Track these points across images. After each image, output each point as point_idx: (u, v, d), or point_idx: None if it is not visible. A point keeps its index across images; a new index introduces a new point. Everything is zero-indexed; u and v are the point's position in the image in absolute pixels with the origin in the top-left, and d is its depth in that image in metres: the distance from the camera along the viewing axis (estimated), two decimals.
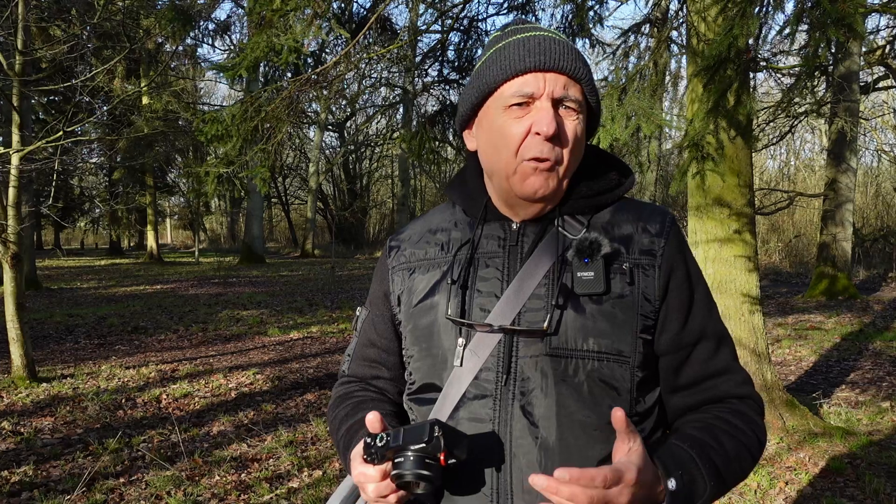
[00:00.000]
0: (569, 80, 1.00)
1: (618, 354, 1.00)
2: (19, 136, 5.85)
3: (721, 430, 1.00)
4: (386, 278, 1.18)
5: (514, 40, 1.03)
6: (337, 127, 28.29)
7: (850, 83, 10.60)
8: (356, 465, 0.96)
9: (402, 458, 0.88)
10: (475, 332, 1.03)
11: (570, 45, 1.03)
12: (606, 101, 3.93)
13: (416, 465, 0.88)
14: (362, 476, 0.95)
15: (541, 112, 0.99)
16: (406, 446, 0.88)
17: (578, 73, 1.00)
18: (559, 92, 0.99)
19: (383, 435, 0.91)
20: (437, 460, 0.88)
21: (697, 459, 0.94)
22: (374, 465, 0.93)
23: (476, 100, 1.06)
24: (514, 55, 1.01)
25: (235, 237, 35.75)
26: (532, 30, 1.05)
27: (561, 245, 1.04)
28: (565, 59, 1.00)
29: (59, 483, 3.64)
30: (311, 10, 4.28)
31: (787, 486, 3.59)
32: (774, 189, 16.97)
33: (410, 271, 1.14)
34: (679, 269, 1.06)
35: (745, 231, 4.37)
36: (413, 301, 1.12)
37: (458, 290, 1.06)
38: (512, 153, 1.01)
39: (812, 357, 6.86)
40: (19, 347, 5.68)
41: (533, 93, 0.99)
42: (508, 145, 1.01)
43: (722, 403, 1.06)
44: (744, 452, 1.00)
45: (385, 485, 0.93)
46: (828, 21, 2.74)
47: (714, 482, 0.94)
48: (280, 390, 5.68)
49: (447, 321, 1.05)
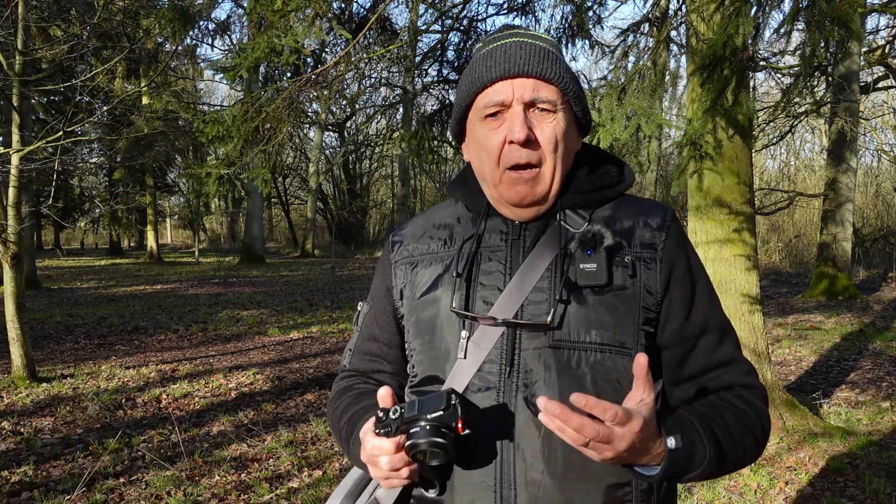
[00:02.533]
0: (538, 82, 1.01)
1: (620, 346, 1.01)
2: (19, 136, 5.85)
3: (724, 408, 1.01)
4: (389, 273, 1.19)
5: (484, 52, 1.06)
6: (337, 127, 28.29)
7: (850, 83, 10.60)
8: (368, 439, 0.96)
9: (418, 427, 0.89)
10: (478, 325, 1.04)
11: (540, 46, 1.04)
12: (606, 100, 3.93)
13: (433, 434, 0.88)
14: (376, 449, 0.94)
15: (512, 119, 1.01)
16: (422, 415, 0.88)
17: (547, 74, 1.01)
18: (528, 96, 1.01)
19: (397, 408, 0.91)
20: (453, 430, 0.89)
21: (699, 426, 0.96)
22: (388, 437, 0.92)
23: (459, 113, 1.09)
24: (482, 67, 1.03)
25: (235, 237, 35.75)
26: (507, 37, 1.06)
27: (563, 238, 1.05)
28: (530, 63, 1.01)
29: (59, 483, 3.64)
30: (312, 11, 4.28)
31: (787, 486, 3.59)
32: (774, 189, 16.98)
33: (413, 265, 1.15)
34: (680, 263, 1.07)
35: (745, 231, 4.37)
36: (416, 294, 1.12)
37: (462, 284, 1.07)
38: (494, 163, 1.03)
39: (812, 357, 6.86)
40: (19, 347, 5.68)
41: (503, 100, 1.01)
42: (490, 156, 1.03)
43: (727, 391, 1.07)
44: (745, 431, 1.00)
45: (399, 457, 0.93)
46: (824, 20, 2.74)
47: (714, 450, 0.95)
48: (280, 390, 5.68)
49: (450, 314, 1.06)
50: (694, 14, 4.20)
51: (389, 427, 0.91)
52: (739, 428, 0.99)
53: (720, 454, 0.96)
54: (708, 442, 0.95)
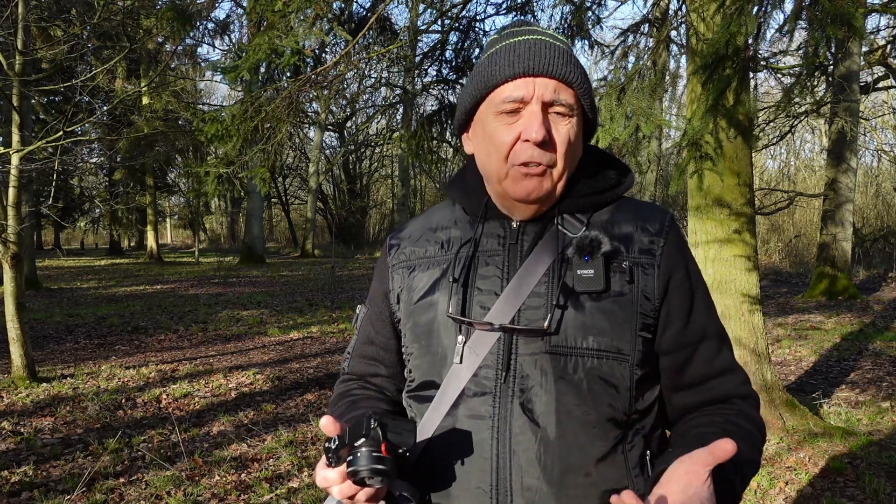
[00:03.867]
0: (559, 84, 1.00)
1: (617, 352, 1.00)
2: (19, 136, 5.86)
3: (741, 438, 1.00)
4: (386, 276, 1.19)
5: (505, 45, 1.04)
6: (337, 127, 28.29)
7: (850, 83, 10.60)
8: (319, 470, 0.96)
9: (352, 455, 0.90)
10: (475, 330, 1.03)
11: (562, 48, 1.03)
12: (605, 100, 3.93)
13: (367, 461, 0.89)
14: (324, 481, 0.95)
15: (530, 118, 0.99)
16: (352, 443, 0.90)
17: (569, 77, 1.00)
18: (549, 96, 0.99)
19: (334, 438, 0.93)
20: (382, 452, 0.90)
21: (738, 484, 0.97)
22: (333, 467, 0.93)
23: (470, 105, 1.07)
24: (503, 60, 1.01)
25: (235, 237, 35.75)
26: (527, 33, 1.04)
27: (561, 243, 1.05)
28: (555, 64, 1.00)
29: (59, 483, 3.64)
30: (313, 12, 4.28)
31: (787, 486, 3.59)
32: (774, 189, 16.98)
33: (410, 269, 1.15)
34: (679, 269, 1.06)
35: (745, 231, 4.37)
36: (413, 299, 1.12)
37: (459, 289, 1.06)
38: (502, 159, 1.01)
39: (812, 357, 6.85)
40: (19, 347, 5.68)
41: (523, 97, 0.99)
42: (499, 151, 1.01)
43: (728, 404, 1.06)
44: (757, 455, 1.01)
45: (347, 485, 0.93)
46: (827, 18, 2.74)
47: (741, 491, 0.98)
48: (280, 390, 5.68)
49: (447, 319, 1.06)
50: (694, 14, 4.20)
51: (332, 458, 0.93)
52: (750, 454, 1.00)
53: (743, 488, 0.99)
54: (740, 491, 0.97)
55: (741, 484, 0.96)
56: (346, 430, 0.92)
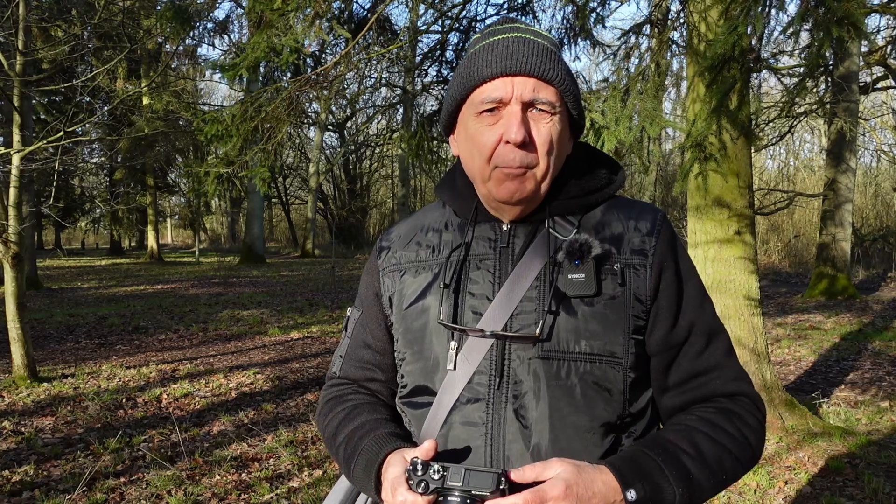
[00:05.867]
0: (539, 83, 0.98)
1: (610, 356, 0.99)
2: (20, 136, 5.86)
3: (700, 433, 0.98)
4: (376, 279, 1.18)
5: (485, 45, 1.02)
6: (337, 127, 28.28)
7: (850, 83, 10.60)
8: (401, 490, 0.90)
9: (456, 496, 0.87)
10: (467, 336, 1.02)
11: (543, 45, 1.01)
12: (610, 102, 3.93)
13: None
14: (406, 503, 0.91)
15: (509, 118, 0.98)
16: (467, 489, 0.86)
17: (549, 75, 0.98)
18: (528, 95, 0.98)
19: (439, 468, 0.88)
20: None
21: (664, 466, 0.92)
22: (422, 495, 0.89)
23: (452, 106, 1.06)
24: (482, 60, 1.00)
25: (236, 237, 35.74)
26: (508, 31, 1.03)
27: (552, 247, 1.04)
28: (533, 62, 0.98)
29: (59, 483, 3.64)
30: (312, 11, 4.28)
31: (787, 486, 3.60)
32: (774, 189, 16.99)
33: (401, 273, 1.14)
34: (669, 268, 1.05)
35: (745, 231, 4.38)
36: (404, 304, 1.11)
37: (450, 294, 1.05)
38: (485, 160, 1.00)
39: (811, 357, 6.86)
40: (20, 347, 5.68)
41: (501, 97, 0.98)
42: (482, 153, 1.00)
43: (709, 402, 1.04)
44: (724, 453, 0.97)
45: None
46: (832, 19, 2.74)
47: (684, 488, 0.92)
48: (280, 390, 5.69)
49: (439, 325, 1.05)
50: (696, 15, 4.20)
51: (425, 484, 0.89)
52: (716, 451, 0.96)
53: (693, 487, 0.93)
54: (676, 481, 0.91)
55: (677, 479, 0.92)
56: (464, 471, 0.87)
